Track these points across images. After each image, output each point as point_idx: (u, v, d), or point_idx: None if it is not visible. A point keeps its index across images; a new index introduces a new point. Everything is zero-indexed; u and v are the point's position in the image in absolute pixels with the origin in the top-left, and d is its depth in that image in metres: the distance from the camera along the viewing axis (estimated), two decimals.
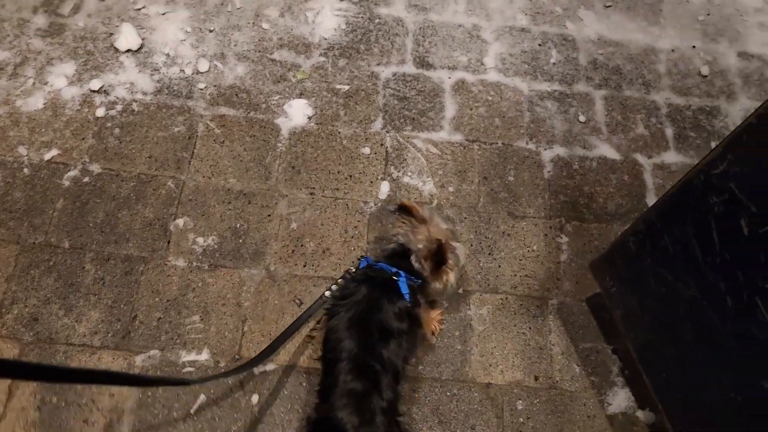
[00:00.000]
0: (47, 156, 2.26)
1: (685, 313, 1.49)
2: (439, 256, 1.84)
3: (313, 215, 2.29)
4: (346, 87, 2.59)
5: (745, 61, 2.93)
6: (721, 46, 2.96)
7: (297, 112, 2.50)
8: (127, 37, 2.51)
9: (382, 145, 2.47)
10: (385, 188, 2.37)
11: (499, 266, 2.29)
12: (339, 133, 2.48)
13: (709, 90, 2.82)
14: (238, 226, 2.24)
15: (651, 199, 2.50)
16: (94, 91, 2.41)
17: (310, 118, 2.50)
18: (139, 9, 2.63)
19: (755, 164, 1.20)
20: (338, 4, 2.80)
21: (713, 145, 2.66)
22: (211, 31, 2.63)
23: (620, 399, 2.11)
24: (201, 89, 2.49)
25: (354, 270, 1.91)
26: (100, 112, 2.37)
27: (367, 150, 2.45)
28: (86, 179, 2.24)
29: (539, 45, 2.83)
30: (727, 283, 1.32)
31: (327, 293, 1.88)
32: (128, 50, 2.52)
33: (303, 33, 2.70)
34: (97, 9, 2.61)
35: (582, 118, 2.65)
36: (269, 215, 2.28)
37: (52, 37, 2.52)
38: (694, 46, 2.93)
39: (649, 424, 2.08)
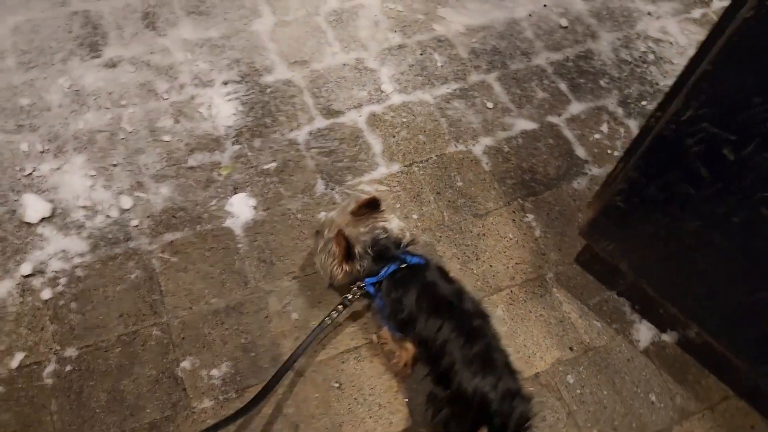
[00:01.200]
0: (14, 364, 2.04)
1: (693, 243, 1.67)
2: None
3: (307, 298, 2.27)
4: (274, 164, 2.57)
5: (589, 1, 3.27)
6: None
7: (240, 208, 2.45)
8: (33, 208, 2.32)
9: (334, 204, 2.48)
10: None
11: (491, 266, 2.40)
12: (289, 209, 2.47)
13: (575, 37, 3.11)
14: (243, 341, 2.17)
15: (579, 151, 2.73)
16: (27, 276, 2.21)
17: (255, 207, 2.46)
18: (30, 173, 2.43)
19: (720, 101, 1.38)
20: (224, 89, 2.76)
21: (602, 82, 2.94)
22: (115, 165, 2.50)
23: (644, 333, 2.30)
24: (136, 226, 2.36)
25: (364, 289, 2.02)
26: (46, 294, 2.18)
27: (323, 214, 2.46)
28: (68, 368, 2.06)
29: (421, 54, 2.97)
30: (728, 205, 1.50)
31: (327, 319, 2.03)
32: (42, 219, 2.32)
33: (206, 130, 2.64)
34: None
35: (489, 105, 2.83)
36: (267, 317, 2.22)
37: None
38: (545, 5, 3.21)
39: (676, 342, 2.30)
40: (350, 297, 2.05)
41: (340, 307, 2.06)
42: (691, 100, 1.41)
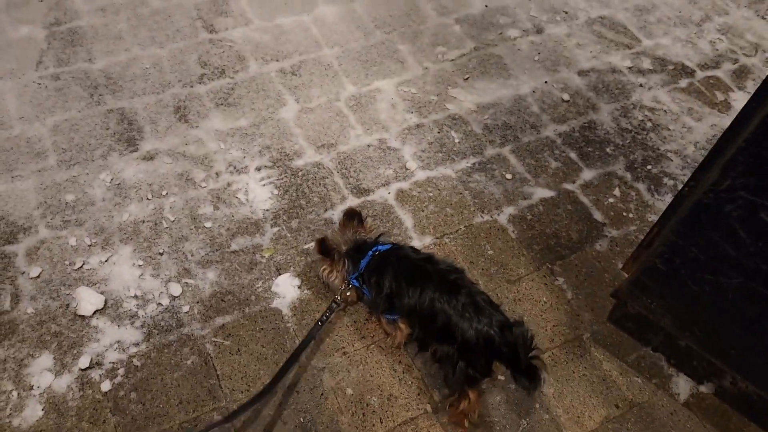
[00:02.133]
0: None
1: (736, 297, 1.82)
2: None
3: (359, 372, 2.34)
4: (313, 243, 2.68)
5: (585, 77, 3.53)
6: (563, 73, 3.53)
7: (286, 288, 2.54)
8: (87, 300, 2.38)
9: None
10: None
11: (530, 330, 2.51)
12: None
13: (577, 110, 3.36)
14: (302, 420, 2.21)
15: (596, 214, 2.91)
16: (86, 369, 2.24)
17: (299, 287, 2.55)
18: (80, 267, 2.50)
19: (756, 173, 1.56)
20: (258, 175, 2.90)
21: (609, 150, 3.16)
22: (161, 254, 2.58)
23: (682, 386, 2.41)
24: (187, 312, 2.43)
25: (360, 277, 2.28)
26: (106, 386, 2.21)
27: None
28: None
29: (438, 132, 3.17)
30: None
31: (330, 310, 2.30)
32: (95, 312, 2.38)
33: (245, 214, 2.76)
34: (37, 289, 2.44)
35: (508, 176, 3.01)
36: (322, 394, 2.28)
37: (9, 339, 2.30)
38: (546, 82, 3.47)
39: (713, 392, 2.41)
40: (338, 297, 2.33)
41: (333, 305, 2.32)
42: (728, 171, 1.59)
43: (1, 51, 3.26)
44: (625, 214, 2.93)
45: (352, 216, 2.38)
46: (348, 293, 2.35)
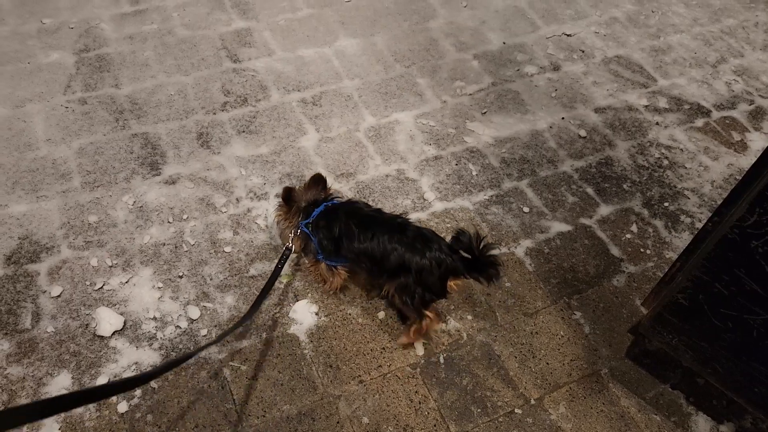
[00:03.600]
0: None
1: (760, 334, 1.81)
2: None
3: (375, 401, 2.33)
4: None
5: (602, 114, 3.58)
6: (580, 110, 3.58)
7: (303, 315, 2.54)
8: (107, 321, 2.39)
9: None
10: (419, 346, 2.49)
11: (547, 363, 2.50)
12: (349, 314, 2.57)
13: (594, 146, 3.39)
14: None
15: (614, 250, 2.91)
16: None
17: (317, 314, 2.55)
18: (100, 288, 2.52)
19: None
20: (278, 202, 2.93)
21: (625, 186, 3.18)
22: (181, 277, 2.60)
23: (702, 425, 2.38)
24: (205, 335, 2.44)
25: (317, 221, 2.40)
26: (122, 407, 2.21)
27: (382, 314, 2.57)
28: None
29: (456, 165, 3.20)
30: None
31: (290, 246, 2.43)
32: (114, 332, 2.39)
33: (264, 240, 2.78)
34: (58, 308, 2.45)
35: (525, 209, 3.03)
36: (338, 422, 2.27)
37: (29, 357, 2.31)
38: (563, 118, 3.51)
39: None
40: (290, 244, 2.43)
41: (286, 251, 2.42)
42: (755, 207, 1.60)
43: (31, 75, 3.35)
44: (642, 250, 2.93)
45: (318, 180, 2.49)
46: (295, 239, 2.45)
